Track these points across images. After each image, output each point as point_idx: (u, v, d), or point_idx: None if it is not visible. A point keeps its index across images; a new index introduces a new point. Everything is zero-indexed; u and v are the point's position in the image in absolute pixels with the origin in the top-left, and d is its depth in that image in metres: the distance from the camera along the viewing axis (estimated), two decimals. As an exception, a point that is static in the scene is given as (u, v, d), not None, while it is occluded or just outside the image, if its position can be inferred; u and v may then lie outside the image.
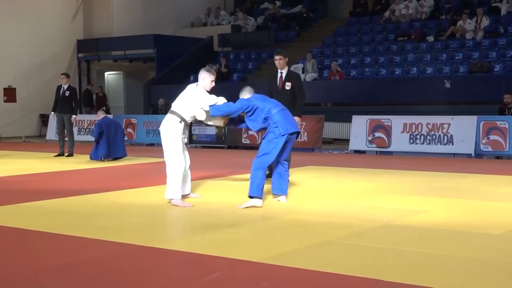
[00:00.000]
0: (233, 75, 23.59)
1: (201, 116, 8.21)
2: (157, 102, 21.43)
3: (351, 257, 5.53)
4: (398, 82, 19.39)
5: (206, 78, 8.17)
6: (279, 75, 10.40)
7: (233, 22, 27.64)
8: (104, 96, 25.16)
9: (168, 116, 8.18)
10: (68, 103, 15.19)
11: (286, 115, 8.02)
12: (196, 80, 8.52)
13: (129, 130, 19.83)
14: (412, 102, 18.21)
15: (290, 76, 10.44)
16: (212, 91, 8.28)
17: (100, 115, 14.54)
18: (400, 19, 23.06)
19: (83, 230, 6.59)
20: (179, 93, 8.51)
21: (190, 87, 8.31)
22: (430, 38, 20.88)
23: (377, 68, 20.53)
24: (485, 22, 20.23)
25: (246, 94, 8.26)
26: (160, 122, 8.51)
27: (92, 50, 26.70)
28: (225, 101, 8.20)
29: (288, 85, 10.23)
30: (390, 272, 4.98)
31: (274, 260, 5.31)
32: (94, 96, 25.04)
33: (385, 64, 20.62)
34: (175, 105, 8.25)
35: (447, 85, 17.68)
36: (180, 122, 8.12)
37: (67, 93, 15.19)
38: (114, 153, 14.04)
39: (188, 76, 24.18)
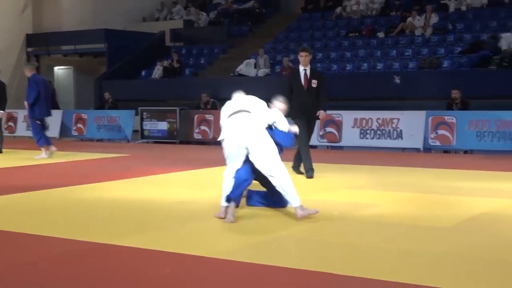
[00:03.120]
0: (185, 70, 23.48)
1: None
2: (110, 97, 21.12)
3: (303, 252, 5.58)
4: (349, 78, 19.55)
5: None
6: (302, 72, 9.94)
7: (185, 17, 27.52)
8: (54, 91, 24.76)
9: (253, 117, 6.82)
10: None
11: None
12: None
13: (79, 125, 19.60)
14: (363, 97, 18.40)
15: (315, 73, 10.06)
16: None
17: (29, 71, 13.47)
18: (351, 15, 23.28)
19: (34, 228, 6.50)
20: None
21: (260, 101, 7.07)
22: (381, 34, 21.13)
23: (328, 63, 20.67)
24: (434, 19, 20.57)
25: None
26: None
27: (41, 45, 26.26)
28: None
29: (314, 83, 9.83)
30: (341, 266, 5.03)
31: (226, 255, 5.33)
32: (44, 91, 24.64)
33: (337, 60, 20.79)
34: (254, 109, 6.93)
35: (397, 80, 17.91)
36: None
37: None
38: (48, 112, 13.59)
39: (140, 71, 24.00)
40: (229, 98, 8.08)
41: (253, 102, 7.00)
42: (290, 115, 9.48)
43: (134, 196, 8.46)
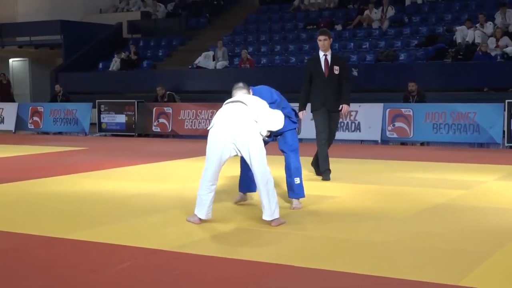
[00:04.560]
0: (143, 62, 23.32)
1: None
2: (65, 90, 20.86)
3: (260, 243, 5.60)
4: (308, 70, 19.62)
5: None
6: (322, 58, 8.96)
7: (142, 9, 27.31)
8: (9, 84, 24.36)
9: (248, 109, 6.07)
10: None
11: None
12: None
13: (35, 118, 19.32)
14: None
15: (337, 58, 9.14)
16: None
17: None
18: (309, 7, 23.41)
19: (-12, 222, 6.42)
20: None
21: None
22: (338, 27, 21.28)
23: (287, 56, 20.75)
24: (391, 12, 20.81)
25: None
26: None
27: (-5, 36, 25.83)
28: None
29: (336, 69, 8.91)
30: (297, 258, 5.07)
31: (186, 248, 5.33)
32: (-1, 84, 24.26)
33: (295, 52, 20.87)
34: (251, 104, 6.16)
35: (355, 73, 18.05)
36: None
37: None
38: None
39: (97, 63, 23.75)
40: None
41: (253, 99, 6.25)
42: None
43: (92, 189, 8.39)
